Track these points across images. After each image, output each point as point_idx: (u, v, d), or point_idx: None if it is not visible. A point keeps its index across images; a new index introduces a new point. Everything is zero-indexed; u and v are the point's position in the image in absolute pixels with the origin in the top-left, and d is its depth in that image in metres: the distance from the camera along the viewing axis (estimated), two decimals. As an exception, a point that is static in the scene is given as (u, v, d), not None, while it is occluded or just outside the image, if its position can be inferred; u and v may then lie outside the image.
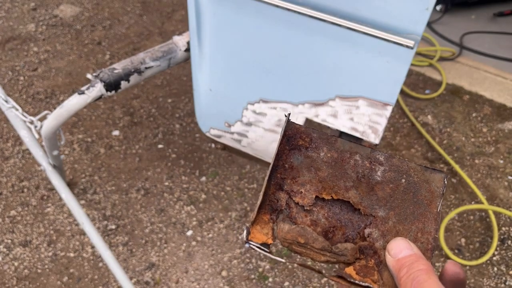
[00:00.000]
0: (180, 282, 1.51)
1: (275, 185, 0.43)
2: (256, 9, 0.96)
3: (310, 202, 0.42)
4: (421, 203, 0.42)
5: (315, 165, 0.43)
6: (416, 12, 0.85)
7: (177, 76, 2.37)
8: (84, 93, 1.04)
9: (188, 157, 1.94)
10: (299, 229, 0.40)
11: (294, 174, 0.43)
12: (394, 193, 0.42)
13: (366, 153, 0.44)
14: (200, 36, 1.06)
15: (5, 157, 1.87)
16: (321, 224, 0.42)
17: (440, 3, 2.90)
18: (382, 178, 0.43)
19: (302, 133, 0.44)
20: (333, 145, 0.44)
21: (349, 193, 0.42)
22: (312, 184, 0.43)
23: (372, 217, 0.42)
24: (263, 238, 0.41)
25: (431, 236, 0.41)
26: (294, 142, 0.44)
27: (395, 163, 0.43)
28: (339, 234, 0.42)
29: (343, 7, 0.90)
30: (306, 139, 0.44)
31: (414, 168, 0.43)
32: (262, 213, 0.42)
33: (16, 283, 1.47)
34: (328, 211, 0.42)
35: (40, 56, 2.41)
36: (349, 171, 0.43)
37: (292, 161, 0.44)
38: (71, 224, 1.65)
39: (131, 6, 2.90)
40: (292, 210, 0.42)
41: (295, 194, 0.43)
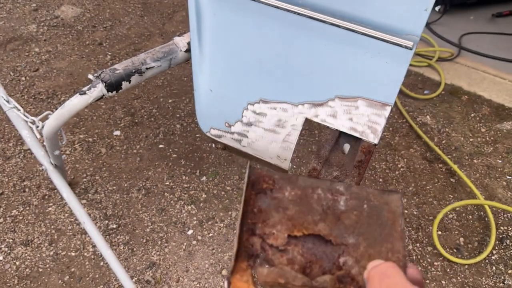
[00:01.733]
0: (181, 281, 1.52)
1: (247, 231, 0.44)
2: (256, 10, 0.97)
3: (284, 242, 0.43)
4: (385, 224, 0.43)
5: (282, 205, 0.45)
6: (415, 13, 0.86)
7: (178, 77, 2.38)
8: (85, 94, 1.05)
9: (189, 157, 1.95)
10: (277, 270, 0.40)
11: (264, 217, 0.44)
12: (359, 219, 0.44)
13: (327, 186, 0.45)
14: (200, 36, 1.07)
15: (6, 157, 1.88)
16: (298, 261, 0.43)
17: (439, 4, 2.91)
18: (346, 207, 0.44)
19: (265, 176, 0.46)
20: (295, 183, 0.46)
21: (319, 226, 0.44)
22: (282, 223, 0.44)
23: (344, 245, 0.43)
24: (244, 286, 0.41)
25: (400, 254, 0.42)
26: (258, 186, 0.45)
27: (354, 191, 0.45)
28: (316, 268, 0.43)
29: (342, 8, 0.91)
30: (269, 182, 0.46)
31: (372, 192, 0.45)
32: (240, 261, 0.42)
33: (18, 282, 1.48)
34: (302, 248, 0.43)
35: (41, 56, 2.42)
36: (314, 205, 0.45)
37: (260, 204, 0.45)
38: (72, 224, 1.65)
39: (132, 7, 2.91)
40: (267, 252, 0.43)
41: (268, 236, 0.43)
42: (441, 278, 1.58)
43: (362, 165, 0.93)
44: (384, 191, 0.45)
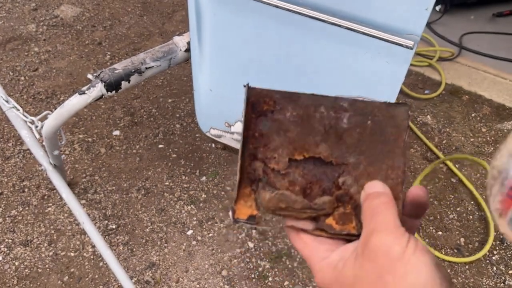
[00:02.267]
0: (181, 281, 1.51)
1: (249, 156, 0.43)
2: (256, 10, 0.97)
3: (285, 166, 0.43)
4: (388, 140, 0.43)
5: (283, 127, 0.44)
6: (416, 13, 0.86)
7: (178, 76, 2.38)
8: (85, 93, 1.05)
9: (189, 157, 1.94)
10: (278, 195, 0.41)
11: (265, 141, 0.44)
12: (362, 137, 0.43)
13: (330, 102, 0.44)
14: (200, 36, 1.06)
15: (6, 157, 1.87)
16: (299, 183, 0.43)
17: (439, 3, 2.91)
18: (349, 125, 0.43)
19: (265, 97, 0.44)
20: (297, 102, 0.44)
21: (319, 148, 0.43)
22: (283, 147, 0.43)
23: (344, 165, 0.43)
24: (248, 212, 0.42)
25: (400, 171, 0.42)
26: (259, 108, 0.44)
27: (359, 106, 0.44)
28: (316, 189, 0.43)
29: (342, 8, 0.90)
30: (270, 103, 0.44)
31: (378, 106, 0.43)
32: (243, 187, 0.43)
33: (17, 282, 1.48)
34: (303, 170, 0.43)
35: (40, 56, 2.42)
36: (316, 125, 0.43)
37: (261, 128, 0.44)
38: (71, 224, 1.65)
39: (131, 7, 2.91)
40: (269, 176, 0.43)
41: (269, 160, 0.43)
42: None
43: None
44: (391, 104, 0.43)
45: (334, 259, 0.38)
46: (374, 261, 0.33)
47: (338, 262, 0.37)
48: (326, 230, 0.41)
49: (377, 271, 0.33)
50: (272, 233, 1.68)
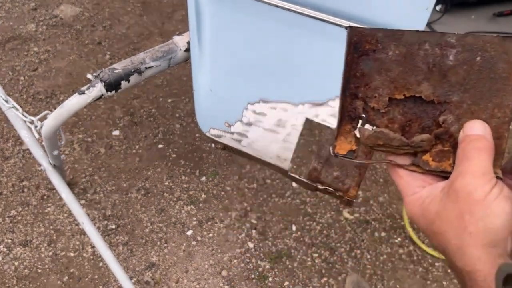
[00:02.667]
0: (180, 281, 1.51)
1: (350, 96, 0.44)
2: (256, 9, 0.97)
3: (385, 105, 0.43)
4: (498, 77, 0.40)
5: (385, 67, 0.43)
6: (416, 12, 0.86)
7: (177, 76, 2.38)
8: (84, 93, 1.05)
9: (188, 157, 1.94)
10: (377, 133, 0.42)
11: (366, 81, 0.44)
12: (468, 75, 0.41)
13: (436, 39, 0.42)
14: (200, 36, 1.06)
15: (5, 157, 1.87)
16: (398, 120, 0.43)
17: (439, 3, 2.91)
18: (455, 62, 0.41)
19: (368, 36, 0.44)
20: (400, 40, 0.43)
21: (421, 87, 0.42)
22: (384, 86, 0.43)
23: (446, 103, 0.42)
24: (348, 147, 0.44)
25: (508, 109, 0.40)
26: (361, 48, 0.44)
27: (468, 41, 0.41)
28: (415, 126, 0.43)
29: (342, 7, 0.90)
30: (372, 42, 0.43)
31: (490, 41, 0.41)
32: (343, 125, 0.45)
33: (16, 282, 1.47)
34: (403, 108, 0.43)
35: (40, 56, 2.42)
36: (419, 63, 0.42)
37: (362, 68, 0.44)
38: (71, 224, 1.65)
39: (131, 6, 2.90)
40: (369, 114, 0.44)
41: (370, 99, 0.44)
42: (442, 279, 1.58)
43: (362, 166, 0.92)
44: (506, 38, 0.40)
45: (422, 194, 0.40)
46: (456, 202, 0.35)
47: (426, 198, 0.39)
48: (421, 166, 0.41)
49: (457, 211, 0.35)
50: (272, 233, 1.68)
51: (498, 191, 0.34)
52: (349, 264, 1.60)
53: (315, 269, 1.58)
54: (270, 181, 1.87)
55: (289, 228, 1.70)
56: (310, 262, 1.60)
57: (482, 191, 0.34)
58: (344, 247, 1.65)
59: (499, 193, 0.34)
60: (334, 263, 1.60)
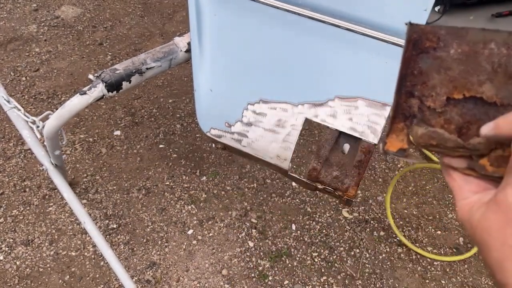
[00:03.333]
0: (181, 280, 1.52)
1: (406, 94, 0.43)
2: (256, 10, 0.98)
3: (442, 104, 0.42)
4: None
5: (445, 65, 0.42)
6: (415, 13, 0.86)
7: (178, 77, 2.39)
8: (86, 94, 1.06)
9: (189, 157, 1.95)
10: (430, 132, 0.41)
11: (424, 79, 0.42)
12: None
13: (503, 38, 0.40)
14: (200, 37, 1.07)
15: (7, 157, 1.88)
16: (455, 121, 0.41)
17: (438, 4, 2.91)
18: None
19: (429, 33, 0.42)
20: (464, 38, 0.41)
21: (483, 88, 0.40)
22: (442, 85, 0.42)
23: (510, 106, 0.40)
24: (399, 145, 0.43)
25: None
26: (420, 45, 0.42)
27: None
28: (473, 128, 0.41)
29: (342, 8, 0.91)
30: (433, 39, 0.42)
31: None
32: (396, 122, 0.43)
33: (18, 282, 1.48)
34: (462, 108, 0.41)
35: (42, 56, 2.43)
36: (483, 63, 0.40)
37: (421, 66, 0.42)
38: (72, 223, 1.66)
39: (132, 7, 2.92)
40: (425, 113, 0.42)
41: (426, 98, 0.42)
42: (440, 278, 1.58)
43: (362, 165, 0.93)
44: None
45: (472, 200, 0.38)
46: (497, 213, 0.34)
47: (475, 204, 0.38)
48: (477, 170, 0.40)
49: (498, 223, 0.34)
50: (272, 232, 1.69)
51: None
52: (348, 263, 1.61)
53: (314, 268, 1.59)
54: (270, 180, 1.88)
55: (289, 227, 1.71)
56: (309, 261, 1.61)
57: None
58: (344, 246, 1.66)
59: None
60: (334, 262, 1.61)
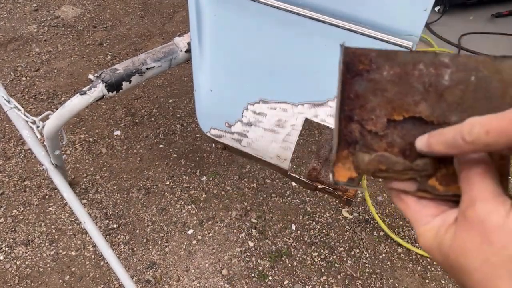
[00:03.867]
0: (181, 280, 1.52)
1: (345, 119, 0.42)
2: (256, 10, 0.98)
3: (383, 127, 0.42)
4: (493, 96, 0.40)
5: (380, 87, 0.42)
6: (415, 13, 0.86)
7: (178, 77, 2.39)
8: (86, 94, 1.06)
9: (189, 157, 1.95)
10: (378, 157, 0.40)
11: (361, 102, 0.42)
12: (464, 94, 0.40)
13: (430, 59, 0.41)
14: (200, 37, 1.07)
15: (7, 157, 1.88)
16: (397, 144, 0.41)
17: (438, 4, 2.91)
18: (450, 82, 0.41)
19: (361, 56, 0.43)
20: (394, 60, 0.42)
21: (419, 107, 0.41)
22: (381, 107, 0.42)
23: (446, 124, 0.40)
24: (347, 174, 0.42)
25: None
26: (354, 68, 0.42)
27: (461, 61, 0.41)
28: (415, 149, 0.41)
29: (342, 9, 0.91)
30: (365, 62, 0.42)
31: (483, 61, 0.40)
32: (340, 150, 0.42)
33: (18, 282, 1.48)
34: (402, 130, 0.42)
35: (42, 56, 2.43)
36: (415, 83, 0.41)
37: (356, 89, 0.42)
38: (72, 223, 1.66)
39: (132, 7, 2.92)
40: (366, 138, 0.42)
41: (366, 122, 0.42)
42: (440, 278, 1.59)
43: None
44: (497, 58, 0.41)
45: (435, 224, 0.36)
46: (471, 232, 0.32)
47: (440, 227, 0.36)
48: (429, 191, 0.39)
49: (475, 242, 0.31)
50: (272, 232, 1.69)
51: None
52: (348, 263, 1.61)
53: (314, 267, 1.59)
54: (270, 180, 1.88)
55: (289, 227, 1.71)
56: (309, 261, 1.61)
57: (498, 216, 0.31)
58: (343, 246, 1.66)
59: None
60: (334, 262, 1.61)
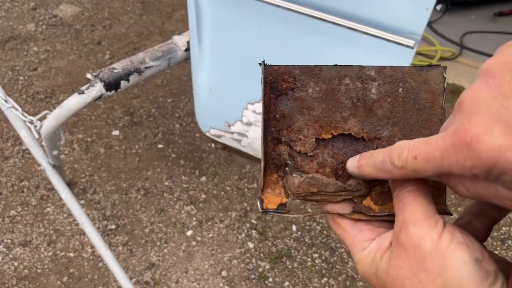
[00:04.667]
0: (180, 282, 1.51)
1: (272, 141, 0.41)
2: (256, 9, 0.96)
3: (312, 147, 0.40)
4: (423, 108, 0.39)
5: (306, 105, 0.41)
6: (417, 12, 0.85)
7: (177, 76, 2.37)
8: (84, 93, 1.04)
9: (188, 157, 1.94)
10: (308, 179, 0.38)
11: (288, 122, 0.41)
12: (393, 107, 0.40)
13: (355, 72, 0.40)
14: (200, 35, 1.06)
15: (5, 157, 1.87)
16: (329, 164, 0.40)
17: (440, 2, 2.90)
18: (378, 95, 0.40)
19: (284, 74, 0.41)
20: (319, 76, 0.41)
21: (348, 124, 0.40)
22: (308, 127, 0.40)
23: (377, 139, 0.40)
24: (277, 200, 0.40)
25: None
26: (278, 87, 0.41)
27: (387, 73, 0.40)
28: None
29: (343, 7, 0.90)
30: (289, 80, 0.41)
31: (409, 71, 0.40)
32: (269, 174, 0.40)
33: (16, 283, 1.47)
34: (332, 149, 0.40)
35: (40, 56, 2.41)
36: (342, 99, 0.40)
37: (282, 108, 0.41)
38: (71, 224, 1.65)
39: (131, 6, 2.90)
40: (296, 159, 0.40)
41: (294, 143, 0.40)
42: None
43: None
44: (423, 68, 0.40)
45: (372, 249, 0.35)
46: (405, 258, 0.31)
47: (376, 253, 0.34)
48: (364, 212, 0.38)
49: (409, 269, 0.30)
50: (272, 233, 1.67)
51: (449, 237, 0.29)
52: (349, 264, 1.60)
53: (315, 269, 1.58)
54: (270, 181, 1.86)
55: (289, 228, 1.69)
56: (310, 262, 1.60)
57: (430, 240, 0.29)
58: (344, 247, 1.65)
59: (451, 239, 0.29)
60: (335, 263, 1.60)
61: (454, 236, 0.30)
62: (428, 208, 0.32)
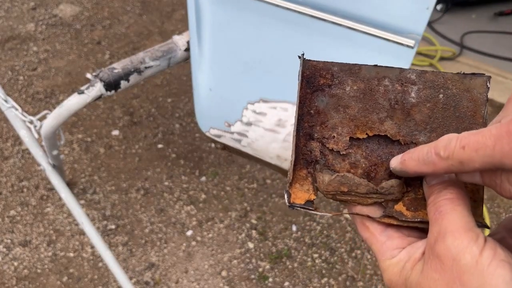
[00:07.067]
0: (180, 282, 1.51)
1: (304, 136, 0.40)
2: (256, 9, 0.96)
3: (345, 146, 0.39)
4: (464, 116, 0.38)
5: (343, 103, 0.40)
6: (417, 12, 0.85)
7: (177, 76, 2.37)
8: (84, 93, 1.04)
9: (188, 157, 1.94)
10: (339, 178, 0.37)
11: (322, 119, 0.40)
12: (433, 113, 0.39)
13: (395, 74, 0.40)
14: (200, 35, 1.05)
15: (4, 157, 1.86)
16: (361, 165, 0.39)
17: (440, 2, 2.90)
18: (418, 99, 0.39)
19: (322, 70, 0.41)
20: (358, 75, 0.40)
21: (385, 125, 0.39)
22: (343, 125, 0.39)
23: (413, 144, 0.38)
24: (305, 196, 0.39)
25: None
26: (314, 83, 0.40)
27: (429, 78, 0.39)
28: (381, 171, 0.39)
29: (343, 7, 0.90)
30: (327, 76, 0.40)
31: (451, 78, 0.39)
32: (298, 169, 0.39)
33: (16, 283, 1.47)
34: (366, 150, 0.39)
35: (39, 55, 2.41)
36: (380, 100, 0.39)
37: (317, 104, 0.40)
38: (70, 224, 1.64)
39: (131, 6, 2.90)
40: (328, 157, 0.39)
41: (327, 140, 0.39)
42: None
43: None
44: (466, 75, 0.39)
45: (402, 258, 0.33)
46: (441, 271, 0.29)
47: (406, 263, 0.33)
48: (396, 217, 0.36)
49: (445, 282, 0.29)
50: (272, 233, 1.67)
51: (491, 253, 0.28)
52: (349, 264, 1.59)
53: (315, 269, 1.58)
54: (270, 181, 1.86)
55: (289, 228, 1.69)
56: (310, 262, 1.60)
57: (470, 255, 0.28)
58: (345, 247, 1.65)
59: (493, 256, 0.27)
60: (335, 263, 1.59)
61: (496, 253, 0.28)
62: (468, 219, 0.30)
